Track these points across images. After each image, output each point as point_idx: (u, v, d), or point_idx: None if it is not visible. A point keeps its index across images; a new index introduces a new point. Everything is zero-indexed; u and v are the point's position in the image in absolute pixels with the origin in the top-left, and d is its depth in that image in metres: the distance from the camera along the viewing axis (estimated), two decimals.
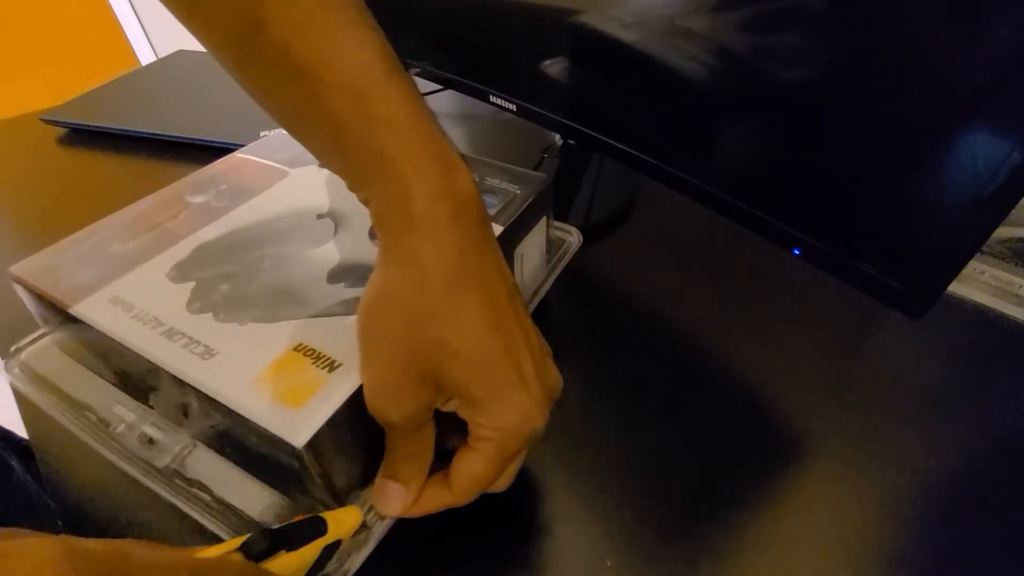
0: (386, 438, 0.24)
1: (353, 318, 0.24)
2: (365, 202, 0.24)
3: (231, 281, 0.28)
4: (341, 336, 0.25)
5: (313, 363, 0.24)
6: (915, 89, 0.24)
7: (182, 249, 0.31)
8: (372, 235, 0.32)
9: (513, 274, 0.27)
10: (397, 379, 0.22)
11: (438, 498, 0.25)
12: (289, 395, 0.23)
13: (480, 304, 0.22)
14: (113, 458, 0.27)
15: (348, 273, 0.29)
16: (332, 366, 0.24)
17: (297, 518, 0.22)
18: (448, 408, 0.24)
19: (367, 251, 0.31)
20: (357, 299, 0.24)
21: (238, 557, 0.19)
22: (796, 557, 0.28)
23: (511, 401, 0.22)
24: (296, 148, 0.30)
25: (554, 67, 0.42)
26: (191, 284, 0.28)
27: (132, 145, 0.61)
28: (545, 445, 0.32)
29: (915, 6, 0.23)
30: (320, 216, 0.33)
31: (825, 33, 0.27)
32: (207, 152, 0.59)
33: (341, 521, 0.22)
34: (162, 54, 0.89)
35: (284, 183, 0.36)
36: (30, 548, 0.14)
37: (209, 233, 0.32)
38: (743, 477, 0.31)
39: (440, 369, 0.22)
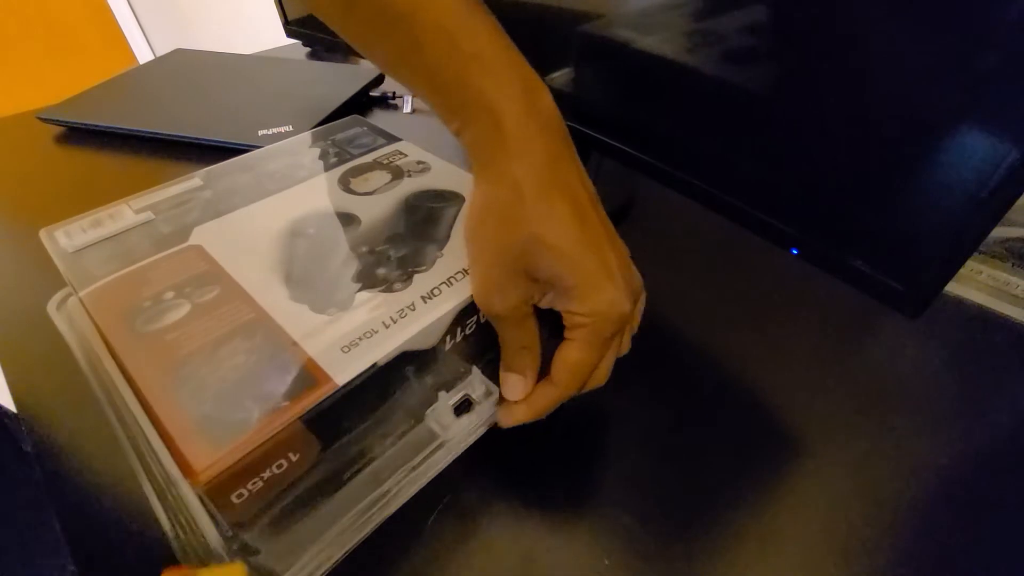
0: (498, 335, 0.28)
1: None
2: (458, 133, 0.27)
3: (382, 266, 0.31)
4: None
5: None
6: (913, 88, 0.24)
7: (286, 309, 0.27)
8: (344, 187, 0.36)
9: None
10: (500, 275, 0.26)
11: (545, 395, 0.28)
12: None
13: (567, 205, 0.25)
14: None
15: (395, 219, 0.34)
16: None
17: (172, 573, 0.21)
18: (544, 303, 0.27)
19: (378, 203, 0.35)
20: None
21: None
22: (794, 557, 0.28)
23: (600, 286, 0.25)
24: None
25: (552, 67, 0.42)
26: (357, 289, 0.29)
27: (130, 144, 0.61)
28: (544, 444, 0.32)
29: (914, 4, 0.23)
30: (306, 219, 0.34)
31: (823, 32, 0.27)
32: (205, 151, 0.59)
33: None
34: (160, 52, 0.89)
35: (224, 255, 0.31)
36: None
37: (278, 290, 0.28)
38: (741, 477, 0.31)
39: (536, 262, 0.25)
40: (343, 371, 0.24)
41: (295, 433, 0.23)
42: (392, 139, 0.42)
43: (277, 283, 0.29)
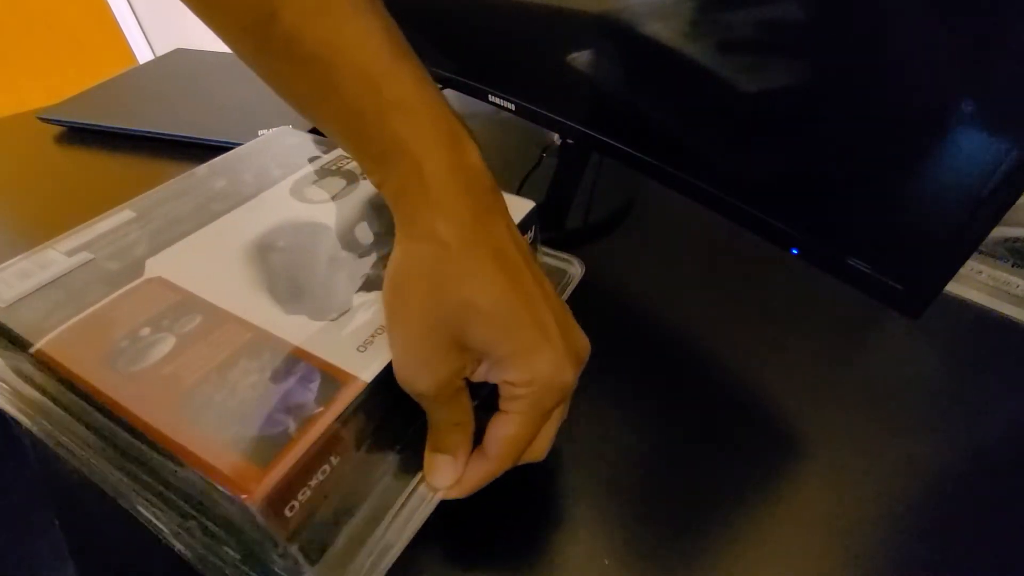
0: (426, 413, 0.25)
1: None
2: (379, 185, 0.25)
3: (371, 267, 0.31)
4: None
5: None
6: (913, 88, 0.24)
7: (284, 323, 0.27)
8: (299, 197, 0.36)
9: None
10: (425, 347, 0.23)
11: (478, 471, 0.25)
12: None
13: (496, 265, 0.23)
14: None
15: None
16: None
17: None
18: (477, 376, 0.24)
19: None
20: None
21: None
22: (793, 558, 0.28)
23: (538, 354, 0.23)
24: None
25: (553, 66, 0.42)
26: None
27: (130, 144, 0.61)
28: None
29: (912, 5, 0.23)
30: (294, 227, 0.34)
31: (823, 32, 0.27)
32: (205, 151, 0.59)
33: None
34: (160, 52, 0.89)
35: (193, 282, 0.30)
36: None
37: (268, 307, 0.28)
38: (741, 477, 0.31)
39: (465, 330, 0.22)
40: (366, 368, 0.24)
41: (333, 437, 0.23)
42: (333, 145, 0.41)
43: (264, 300, 0.28)
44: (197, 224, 0.33)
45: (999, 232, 0.42)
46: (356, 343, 0.26)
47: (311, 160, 0.40)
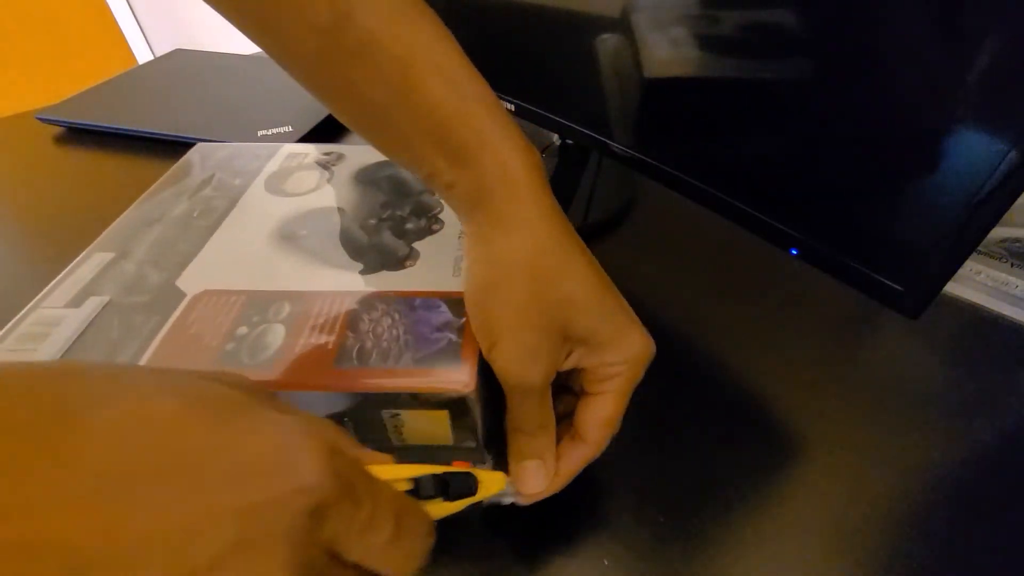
0: (513, 419, 0.25)
1: None
2: (450, 185, 0.25)
3: (407, 223, 0.33)
4: None
5: None
6: (912, 89, 0.24)
7: (367, 281, 0.29)
8: (282, 194, 0.36)
9: None
10: (533, 339, 0.23)
11: (575, 457, 0.26)
12: None
13: (586, 259, 0.25)
14: None
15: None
16: None
17: (454, 467, 0.22)
18: (567, 365, 0.25)
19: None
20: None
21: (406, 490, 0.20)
22: (793, 558, 0.28)
23: (633, 334, 0.25)
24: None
25: (552, 67, 0.42)
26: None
27: (129, 144, 0.61)
28: None
29: (911, 5, 0.23)
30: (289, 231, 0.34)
31: (822, 33, 0.27)
32: None
33: (488, 484, 0.23)
34: (159, 52, 0.89)
35: (243, 283, 0.30)
36: (302, 442, 0.15)
37: (340, 275, 0.29)
38: (740, 478, 0.31)
39: (568, 321, 0.23)
40: None
41: None
42: (274, 147, 0.42)
43: (329, 272, 0.30)
44: (197, 241, 0.32)
45: (998, 232, 0.43)
46: (448, 273, 0.29)
47: (264, 161, 0.40)
